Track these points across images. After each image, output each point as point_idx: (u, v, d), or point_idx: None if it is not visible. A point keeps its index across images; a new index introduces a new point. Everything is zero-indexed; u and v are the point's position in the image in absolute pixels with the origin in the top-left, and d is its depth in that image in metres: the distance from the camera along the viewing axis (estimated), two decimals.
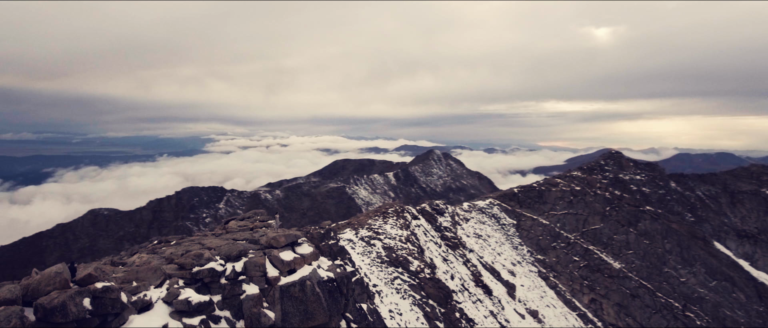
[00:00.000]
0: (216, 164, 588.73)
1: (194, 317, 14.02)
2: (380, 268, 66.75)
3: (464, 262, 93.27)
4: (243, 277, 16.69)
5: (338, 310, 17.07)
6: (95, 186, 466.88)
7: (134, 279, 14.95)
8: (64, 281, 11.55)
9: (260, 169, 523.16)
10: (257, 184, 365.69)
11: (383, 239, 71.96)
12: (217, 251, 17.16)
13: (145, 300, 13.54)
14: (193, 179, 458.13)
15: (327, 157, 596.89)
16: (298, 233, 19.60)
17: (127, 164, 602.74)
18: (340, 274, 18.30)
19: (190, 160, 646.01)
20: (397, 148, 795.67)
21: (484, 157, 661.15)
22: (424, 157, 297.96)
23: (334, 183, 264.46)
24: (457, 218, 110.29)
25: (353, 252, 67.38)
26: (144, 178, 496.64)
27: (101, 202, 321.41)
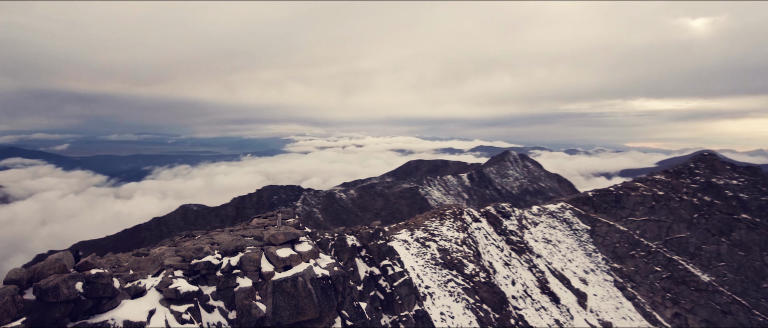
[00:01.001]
0: (295, 163, 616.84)
1: (182, 305, 15.67)
2: (434, 270, 66.97)
3: (530, 267, 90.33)
4: (238, 271, 18.16)
5: (331, 307, 17.90)
6: (187, 183, 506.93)
7: (135, 268, 16.95)
8: (63, 266, 13.62)
9: (336, 169, 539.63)
10: (333, 183, 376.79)
11: (439, 240, 72.01)
12: (218, 246, 18.77)
13: (139, 287, 15.41)
14: (273, 178, 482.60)
15: (401, 157, 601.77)
16: (298, 232, 20.71)
17: (215, 163, 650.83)
18: (337, 272, 19.13)
19: (271, 159, 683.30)
20: (472, 149, 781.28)
21: (565, 158, 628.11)
22: (500, 159, 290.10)
23: (407, 184, 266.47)
24: (525, 221, 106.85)
25: (407, 253, 68.22)
26: (229, 176, 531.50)
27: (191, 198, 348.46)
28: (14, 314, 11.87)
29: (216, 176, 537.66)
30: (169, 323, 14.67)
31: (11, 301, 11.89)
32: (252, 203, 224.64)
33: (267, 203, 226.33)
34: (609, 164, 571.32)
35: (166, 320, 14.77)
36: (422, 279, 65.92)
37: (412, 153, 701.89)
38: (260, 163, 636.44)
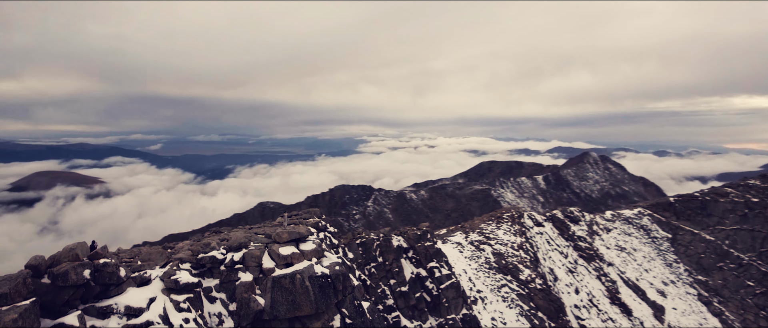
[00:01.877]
0: (367, 163, 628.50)
1: (181, 295, 17.23)
2: (487, 274, 65.84)
3: (599, 276, 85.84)
4: (240, 266, 19.51)
5: (328, 304, 18.70)
6: (265, 182, 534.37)
7: (145, 260, 18.87)
8: (75, 255, 15.67)
9: (408, 169, 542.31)
10: (405, 184, 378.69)
11: (494, 244, 70.67)
12: (226, 242, 20.31)
13: (145, 277, 17.19)
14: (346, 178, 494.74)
15: (474, 158, 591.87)
16: (302, 232, 21.69)
17: (291, 162, 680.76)
18: (338, 271, 19.88)
19: (345, 159, 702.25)
20: (549, 150, 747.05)
21: (652, 160, 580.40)
22: (578, 160, 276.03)
23: (479, 185, 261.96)
24: (596, 227, 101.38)
25: (460, 256, 67.61)
26: (305, 175, 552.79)
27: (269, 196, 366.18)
28: (25, 295, 13.98)
29: (292, 175, 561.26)
30: (167, 311, 16.30)
31: (22, 283, 14.00)
32: (325, 201, 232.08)
33: (339, 202, 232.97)
34: (705, 167, 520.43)
35: (165, 307, 16.41)
36: (474, 283, 64.89)
37: (486, 154, 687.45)
38: (334, 163, 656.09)
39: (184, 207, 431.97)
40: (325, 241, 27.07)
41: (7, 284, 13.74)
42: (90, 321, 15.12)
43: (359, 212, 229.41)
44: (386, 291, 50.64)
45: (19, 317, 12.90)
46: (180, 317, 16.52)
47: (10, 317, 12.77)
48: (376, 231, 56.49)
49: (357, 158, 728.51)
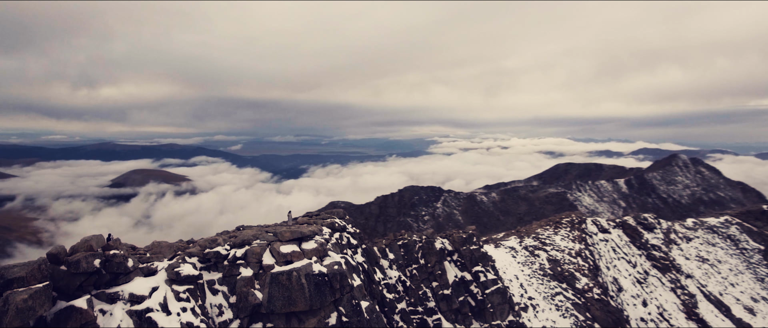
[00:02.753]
0: (438, 164, 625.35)
1: (182, 285, 18.88)
2: (541, 281, 63.74)
3: (674, 288, 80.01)
4: (241, 261, 20.91)
5: (323, 302, 19.58)
6: (337, 182, 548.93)
7: (155, 253, 20.81)
8: (90, 246, 17.81)
9: (480, 171, 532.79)
10: (476, 185, 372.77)
11: (549, 250, 68.21)
12: (233, 239, 21.87)
13: (152, 268, 19.06)
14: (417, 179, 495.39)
15: (550, 160, 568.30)
16: (305, 232, 22.69)
17: (363, 163, 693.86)
18: (336, 271, 20.68)
19: (415, 160, 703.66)
20: (633, 151, 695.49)
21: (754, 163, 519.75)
22: (666, 163, 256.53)
23: (554, 188, 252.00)
24: (674, 236, 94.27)
25: (513, 261, 66.06)
26: (375, 176, 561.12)
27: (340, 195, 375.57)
28: (39, 279, 16.19)
29: (363, 176, 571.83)
30: (167, 299, 18.01)
31: (37, 268, 16.23)
32: (394, 202, 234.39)
33: (408, 203, 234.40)
34: None
35: (165, 296, 18.12)
36: (526, 289, 62.89)
37: (563, 155, 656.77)
38: (404, 163, 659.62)
39: (261, 204, 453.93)
40: (340, 241, 28.01)
41: (24, 269, 16.07)
42: (99, 305, 17.18)
43: (428, 214, 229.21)
44: (427, 293, 50.72)
45: (29, 298, 15.10)
46: (179, 306, 18.19)
47: (21, 298, 14.98)
48: (419, 233, 56.63)
49: (428, 159, 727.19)
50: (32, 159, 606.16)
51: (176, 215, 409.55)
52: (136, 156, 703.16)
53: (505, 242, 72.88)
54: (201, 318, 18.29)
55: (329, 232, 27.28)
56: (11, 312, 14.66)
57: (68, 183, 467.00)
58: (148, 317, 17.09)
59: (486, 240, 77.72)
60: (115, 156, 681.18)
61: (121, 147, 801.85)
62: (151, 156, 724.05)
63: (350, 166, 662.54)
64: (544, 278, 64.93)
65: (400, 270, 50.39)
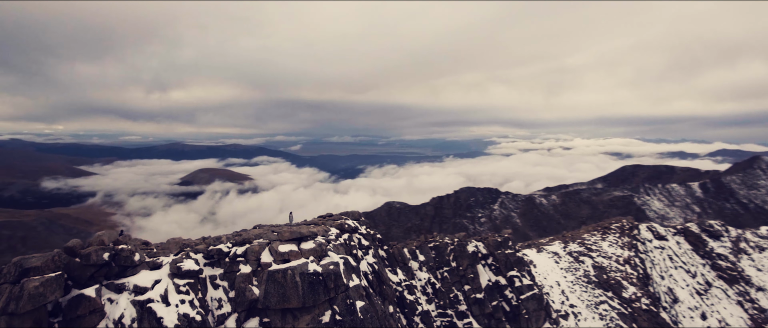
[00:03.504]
0: (497, 165, 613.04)
1: (183, 279, 20.44)
2: (584, 288, 61.64)
3: (741, 301, 74.62)
4: (241, 259, 22.25)
5: (316, 300, 20.54)
6: (394, 182, 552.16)
7: (164, 248, 22.58)
8: (102, 241, 19.78)
9: (540, 172, 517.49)
10: (535, 187, 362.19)
11: (595, 256, 65.72)
12: (238, 237, 23.32)
13: (157, 262, 20.82)
14: (474, 180, 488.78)
15: (616, 161, 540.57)
16: (304, 232, 23.70)
17: (419, 163, 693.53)
18: (331, 271, 21.56)
19: (473, 161, 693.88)
20: (710, 153, 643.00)
21: None
22: (747, 165, 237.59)
23: (619, 191, 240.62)
24: (745, 245, 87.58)
25: (555, 267, 64.32)
26: (432, 176, 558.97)
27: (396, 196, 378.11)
28: (53, 268, 18.26)
29: (419, 176, 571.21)
30: (167, 292, 19.64)
31: (51, 259, 18.34)
32: (449, 203, 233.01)
33: (464, 204, 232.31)
34: None
35: (167, 289, 19.76)
36: (568, 296, 60.77)
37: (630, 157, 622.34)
38: (462, 164, 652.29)
39: (319, 204, 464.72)
40: (349, 242, 28.86)
41: (41, 260, 18.23)
42: (107, 294, 19.11)
43: (485, 216, 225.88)
44: (459, 297, 50.52)
45: (41, 285, 17.17)
46: (178, 298, 19.77)
47: (33, 285, 17.07)
48: (451, 236, 56.43)
49: (485, 160, 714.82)
50: (111, 158, 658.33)
51: (239, 212, 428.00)
52: (202, 156, 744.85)
53: (549, 247, 70.79)
54: (198, 310, 19.81)
55: (337, 233, 28.24)
56: (25, 297, 16.79)
57: (142, 181, 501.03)
58: (148, 306, 18.82)
59: (528, 244, 75.86)
60: (184, 156, 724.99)
61: (190, 147, 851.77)
62: (216, 156, 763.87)
63: (407, 166, 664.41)
64: (588, 285, 62.53)
65: (430, 272, 50.58)
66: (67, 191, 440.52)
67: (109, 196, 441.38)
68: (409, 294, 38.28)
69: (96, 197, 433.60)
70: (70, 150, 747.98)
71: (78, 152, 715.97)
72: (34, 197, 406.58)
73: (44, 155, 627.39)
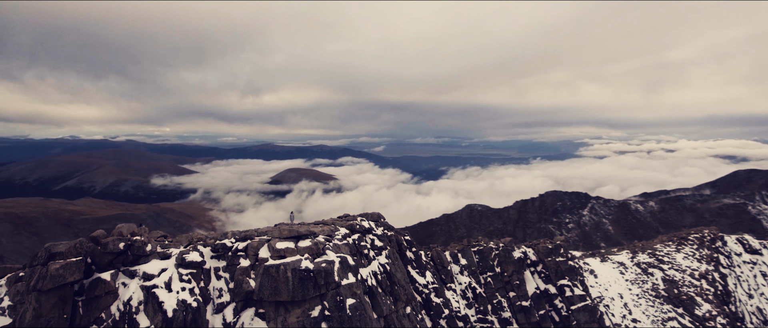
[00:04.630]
0: (588, 169, 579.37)
1: (186, 269, 22.86)
2: (651, 303, 57.69)
3: None
4: (242, 253, 24.27)
5: (305, 295, 21.99)
6: (477, 184, 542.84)
7: (177, 241, 25.18)
8: (121, 232, 22.84)
9: (638, 176, 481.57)
10: (631, 193, 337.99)
11: (666, 269, 61.02)
12: (241, 233, 25.45)
13: (167, 253, 23.42)
14: (563, 183, 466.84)
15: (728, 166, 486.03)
16: (301, 231, 25.20)
17: (504, 165, 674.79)
18: (322, 268, 22.87)
19: (562, 164, 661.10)
20: None
21: None
22: None
23: (730, 198, 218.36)
24: None
25: (619, 278, 60.74)
26: (518, 179, 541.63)
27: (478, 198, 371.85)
28: (75, 254, 21.43)
29: (504, 179, 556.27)
30: (171, 279, 22.15)
31: (73, 246, 21.56)
32: (534, 207, 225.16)
33: (550, 209, 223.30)
34: None
35: (171, 277, 22.27)
36: (631, 310, 56.76)
37: (746, 160, 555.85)
38: (550, 167, 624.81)
39: (401, 204, 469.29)
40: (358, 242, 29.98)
41: (65, 246, 21.51)
42: (122, 279, 22.05)
43: (573, 221, 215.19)
44: (503, 303, 49.49)
45: (61, 268, 20.32)
46: (180, 286, 22.19)
47: (55, 267, 20.25)
48: (496, 240, 55.25)
49: (576, 163, 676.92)
50: (210, 158, 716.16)
51: (324, 211, 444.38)
52: (291, 156, 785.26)
53: (615, 257, 66.51)
54: (195, 298, 22.12)
55: (346, 233, 29.50)
56: (48, 277, 20.03)
57: (237, 179, 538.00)
58: (153, 291, 21.43)
59: (591, 253, 71.76)
60: (274, 156, 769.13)
61: (279, 148, 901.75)
62: (304, 156, 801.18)
63: (490, 168, 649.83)
64: (655, 299, 57.98)
65: (472, 277, 50.09)
66: (172, 187, 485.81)
67: (207, 193, 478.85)
68: (436, 297, 38.50)
69: (196, 194, 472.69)
70: (176, 150, 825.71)
71: (182, 152, 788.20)
72: (145, 193, 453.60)
73: (154, 155, 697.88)
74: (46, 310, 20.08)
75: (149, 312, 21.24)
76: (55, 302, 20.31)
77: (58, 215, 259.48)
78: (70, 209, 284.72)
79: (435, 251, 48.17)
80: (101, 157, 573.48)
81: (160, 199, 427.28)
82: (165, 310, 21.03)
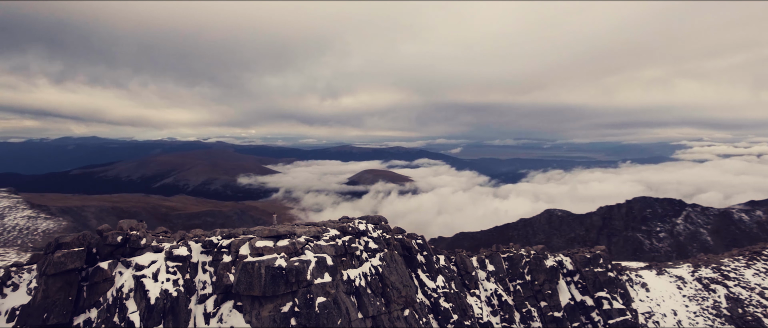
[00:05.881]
0: (686, 173, 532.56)
1: (174, 262, 25.28)
2: (710, 321, 53.07)
3: None
4: (225, 250, 26.30)
5: (276, 291, 23.51)
6: (558, 188, 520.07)
7: (171, 237, 27.69)
8: (121, 227, 25.86)
9: (745, 182, 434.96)
10: (736, 201, 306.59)
11: (732, 286, 55.74)
12: (226, 232, 27.60)
13: (160, 246, 26.00)
14: (656, 189, 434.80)
15: None
16: (281, 231, 26.67)
17: (589, 169, 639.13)
18: (294, 267, 24.28)
19: (655, 168, 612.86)
20: None
21: None
22: None
23: None
24: None
25: (677, 293, 56.74)
26: (604, 183, 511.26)
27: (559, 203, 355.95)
28: (78, 244, 24.64)
29: (589, 183, 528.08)
30: (159, 271, 24.68)
31: (76, 238, 24.83)
32: (620, 214, 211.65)
33: (638, 217, 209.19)
34: None
35: (159, 268, 24.78)
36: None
37: None
38: (641, 171, 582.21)
39: (478, 208, 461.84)
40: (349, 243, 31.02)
41: (71, 237, 24.80)
42: (118, 268, 24.98)
43: (665, 230, 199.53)
44: (532, 313, 47.93)
45: (63, 256, 23.51)
46: (166, 277, 24.62)
47: (58, 255, 23.48)
48: (527, 248, 53.38)
49: (672, 167, 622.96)
50: (291, 158, 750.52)
51: (399, 212, 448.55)
52: (368, 157, 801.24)
53: (673, 270, 61.40)
54: (177, 288, 24.40)
55: (336, 234, 30.66)
56: (50, 264, 23.35)
57: (316, 179, 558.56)
58: (141, 281, 24.04)
59: (648, 266, 66.69)
60: (352, 157, 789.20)
61: (357, 149, 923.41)
62: (380, 158, 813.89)
63: (574, 172, 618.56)
64: (715, 318, 52.87)
65: (500, 284, 48.99)
66: (256, 186, 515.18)
67: (288, 192, 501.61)
68: (446, 302, 38.39)
69: (278, 193, 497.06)
70: (260, 151, 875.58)
71: (266, 153, 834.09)
72: (232, 191, 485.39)
73: (240, 155, 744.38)
74: (52, 292, 23.44)
75: (137, 299, 23.92)
76: (60, 286, 23.63)
77: (156, 210, 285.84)
78: (166, 205, 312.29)
79: (459, 255, 47.83)
80: (194, 157, 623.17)
81: (245, 197, 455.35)
82: (149, 298, 23.55)
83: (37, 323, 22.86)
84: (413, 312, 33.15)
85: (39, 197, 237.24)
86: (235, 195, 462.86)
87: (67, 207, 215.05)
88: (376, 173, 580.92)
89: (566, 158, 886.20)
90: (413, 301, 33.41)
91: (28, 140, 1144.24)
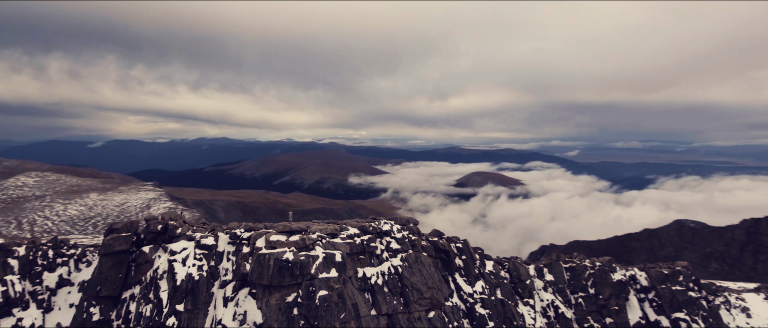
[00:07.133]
0: None
1: (201, 250, 28.37)
2: None
3: None
4: (245, 242, 28.83)
5: (281, 282, 25.55)
6: (692, 196, 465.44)
7: (204, 228, 30.89)
8: (162, 217, 29.65)
9: None
10: None
11: None
12: (249, 226, 30.15)
13: (193, 236, 29.35)
14: None
15: None
16: (293, 227, 28.42)
17: (734, 175, 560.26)
18: (300, 261, 26.07)
19: None
20: None
21: None
22: None
23: None
24: None
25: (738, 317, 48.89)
26: (752, 193, 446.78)
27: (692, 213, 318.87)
28: (125, 230, 28.88)
29: (732, 191, 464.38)
30: (188, 257, 27.99)
31: (124, 226, 29.00)
32: (765, 228, 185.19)
33: None
34: None
35: (188, 255, 28.10)
36: None
37: None
38: None
39: (596, 215, 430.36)
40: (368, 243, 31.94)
41: (121, 224, 29.14)
42: (158, 252, 28.86)
43: None
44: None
45: (111, 240, 27.83)
46: (192, 262, 27.84)
47: (108, 239, 27.83)
48: (591, 259, 49.34)
49: None
50: (400, 160, 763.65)
51: (509, 216, 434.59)
52: (477, 159, 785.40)
53: (743, 295, 52.54)
54: (200, 273, 27.49)
55: (355, 233, 31.82)
56: (102, 245, 27.84)
57: (423, 181, 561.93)
58: (172, 264, 27.58)
59: (756, 288, 57.65)
60: (460, 159, 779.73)
61: (466, 151, 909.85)
62: (489, 160, 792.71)
63: (714, 178, 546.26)
64: None
65: (559, 295, 46.22)
66: (365, 186, 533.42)
67: (396, 193, 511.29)
68: (483, 308, 37.45)
69: (387, 193, 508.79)
70: (370, 152, 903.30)
71: (375, 154, 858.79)
72: (343, 190, 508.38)
73: (351, 156, 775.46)
74: (105, 269, 28.06)
75: (167, 280, 27.57)
76: (111, 264, 28.16)
77: (274, 205, 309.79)
78: (283, 201, 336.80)
79: (512, 262, 46.14)
80: (309, 157, 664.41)
81: (355, 196, 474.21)
82: (176, 279, 27.01)
83: (92, 295, 27.59)
84: (441, 315, 33.18)
85: (178, 190, 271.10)
86: (346, 194, 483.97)
87: (200, 200, 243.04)
88: (484, 176, 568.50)
89: (705, 163, 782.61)
90: (440, 304, 33.41)
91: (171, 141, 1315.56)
